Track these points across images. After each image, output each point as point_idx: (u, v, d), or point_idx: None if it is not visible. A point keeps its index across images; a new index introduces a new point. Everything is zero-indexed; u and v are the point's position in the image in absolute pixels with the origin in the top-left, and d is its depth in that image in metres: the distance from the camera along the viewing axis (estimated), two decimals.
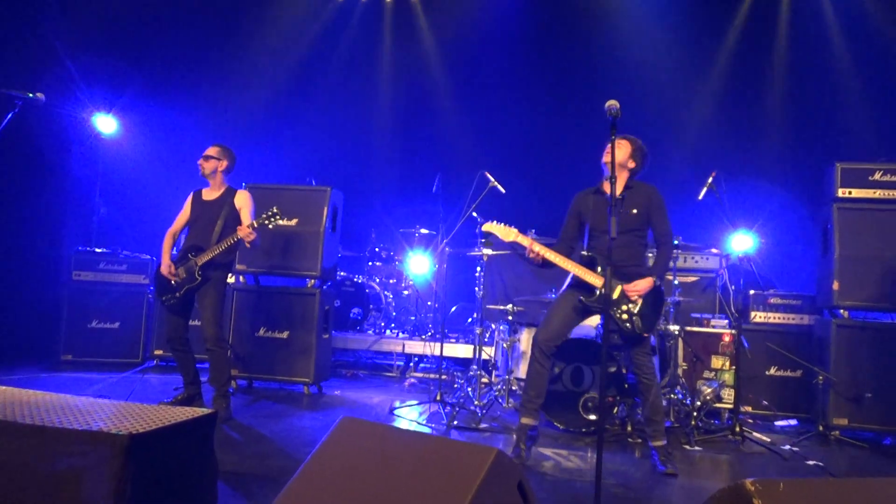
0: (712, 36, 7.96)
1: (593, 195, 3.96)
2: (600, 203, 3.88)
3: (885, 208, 4.92)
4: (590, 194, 3.98)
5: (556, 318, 3.87)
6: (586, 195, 4.00)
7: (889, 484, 1.87)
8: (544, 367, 3.86)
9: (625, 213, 3.81)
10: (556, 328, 3.85)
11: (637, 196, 3.89)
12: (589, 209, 3.92)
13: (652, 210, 3.88)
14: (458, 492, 1.85)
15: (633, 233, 3.86)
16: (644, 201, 3.88)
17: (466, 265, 7.07)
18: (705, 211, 5.40)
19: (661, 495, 3.38)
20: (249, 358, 5.50)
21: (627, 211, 3.83)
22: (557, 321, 3.86)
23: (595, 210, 3.89)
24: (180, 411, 2.62)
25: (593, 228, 3.89)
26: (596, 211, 3.88)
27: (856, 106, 7.39)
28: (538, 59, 8.30)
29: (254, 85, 8.49)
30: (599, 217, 3.85)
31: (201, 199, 4.66)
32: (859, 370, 4.75)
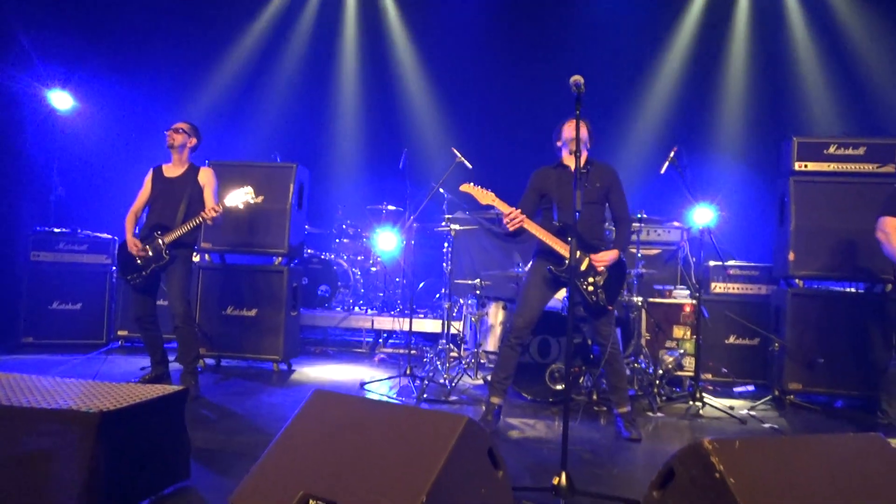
0: (674, 13, 8.05)
1: (555, 170, 4.01)
2: (565, 177, 3.93)
3: (838, 181, 5.09)
4: (551, 170, 4.03)
5: (532, 301, 3.91)
6: (547, 171, 4.04)
7: (834, 440, 1.98)
8: (515, 351, 3.96)
9: (589, 187, 3.88)
10: (533, 312, 3.91)
11: (598, 171, 3.99)
12: (553, 185, 3.95)
13: (612, 187, 3.97)
14: (431, 458, 1.91)
15: (595, 205, 3.95)
16: (605, 177, 3.97)
17: (434, 241, 7.11)
18: (667, 185, 5.53)
19: (626, 459, 3.50)
20: (217, 337, 5.48)
21: (592, 185, 3.91)
22: (533, 304, 3.91)
23: (560, 185, 3.94)
24: (150, 389, 2.62)
25: (560, 201, 3.91)
26: (561, 185, 3.93)
27: (812, 82, 7.58)
28: (504, 35, 8.30)
29: (216, 61, 8.33)
30: (566, 191, 3.88)
31: (163, 176, 4.58)
32: (813, 337, 4.94)
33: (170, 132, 4.53)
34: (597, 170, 3.98)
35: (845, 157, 5.11)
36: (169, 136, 4.53)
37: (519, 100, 7.97)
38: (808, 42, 7.64)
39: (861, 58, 7.37)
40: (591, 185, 3.90)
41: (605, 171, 3.99)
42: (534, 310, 3.92)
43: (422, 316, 6.70)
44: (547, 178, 4.01)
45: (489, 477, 2.13)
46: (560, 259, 3.85)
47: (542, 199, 4.03)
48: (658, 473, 2.02)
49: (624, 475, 3.20)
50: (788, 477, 1.79)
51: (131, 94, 7.41)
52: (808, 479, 1.81)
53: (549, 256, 3.90)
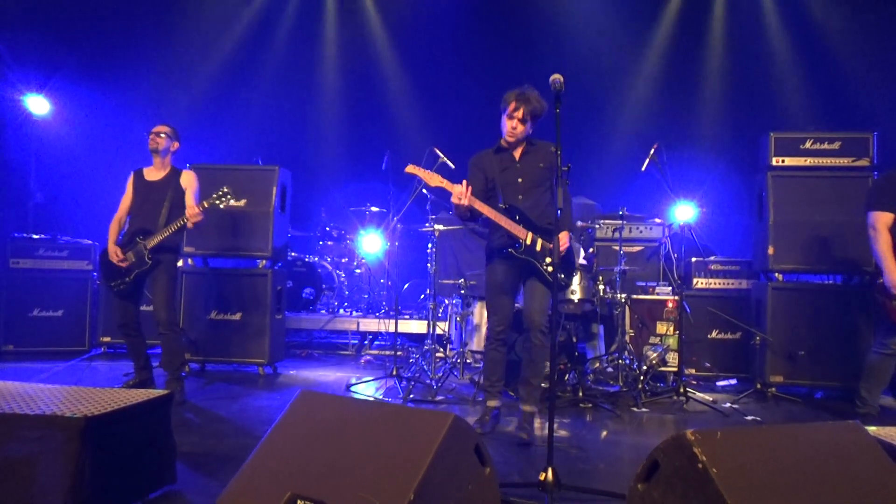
0: (652, 12, 8.14)
1: (496, 156, 3.87)
2: (506, 162, 3.83)
3: (815, 175, 5.17)
4: (491, 155, 3.88)
5: (501, 298, 3.82)
6: (488, 157, 3.89)
7: (813, 428, 2.02)
8: (500, 353, 3.86)
9: (533, 168, 3.80)
10: (506, 309, 3.82)
11: (539, 151, 3.86)
12: (495, 170, 3.82)
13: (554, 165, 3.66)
14: (418, 456, 1.92)
15: (541, 188, 3.83)
16: (547, 156, 3.82)
17: (418, 242, 7.12)
18: (648, 182, 5.58)
19: (612, 454, 3.53)
20: (202, 341, 5.44)
21: (534, 166, 3.81)
22: (503, 301, 3.82)
23: (502, 170, 3.82)
24: (135, 393, 2.61)
25: (504, 187, 3.80)
26: (503, 171, 3.82)
27: (788, 78, 7.69)
28: (485, 35, 8.33)
29: (195, 64, 8.28)
30: (509, 176, 3.80)
31: (144, 180, 4.54)
32: (793, 330, 5.01)
33: (153, 136, 4.48)
34: (538, 150, 3.86)
35: (821, 151, 5.19)
36: (152, 139, 4.48)
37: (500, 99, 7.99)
38: (783, 39, 7.75)
39: (834, 54, 7.50)
40: (534, 167, 3.80)
41: (546, 150, 3.84)
42: (506, 306, 3.82)
43: (407, 317, 6.71)
44: (489, 163, 3.87)
45: (476, 474, 2.15)
46: (515, 241, 3.72)
47: (486, 181, 3.87)
48: (642, 466, 2.05)
49: (610, 470, 3.24)
50: (770, 465, 1.82)
51: (109, 98, 7.34)
52: (788, 466, 1.84)
53: (505, 240, 3.75)
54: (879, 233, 4.01)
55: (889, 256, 3.96)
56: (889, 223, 4.01)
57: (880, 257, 4.00)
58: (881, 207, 4.04)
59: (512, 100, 3.71)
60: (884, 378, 4.12)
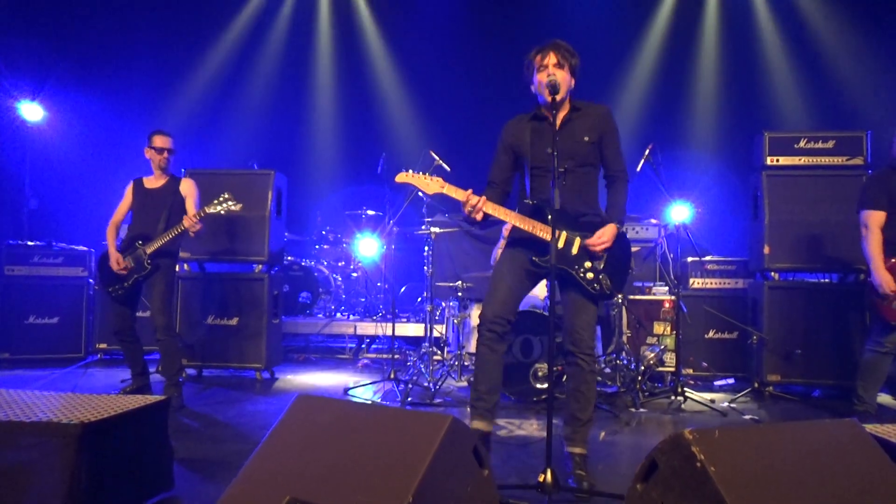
0: (646, 13, 8.16)
1: (529, 122, 3.11)
2: (544, 134, 3.03)
3: (809, 174, 5.19)
4: (525, 122, 3.12)
5: (504, 288, 3.06)
6: (521, 123, 3.14)
7: (810, 426, 2.03)
8: (496, 353, 3.03)
9: (574, 141, 3.02)
10: (506, 299, 3.04)
11: (588, 119, 3.06)
12: (526, 141, 3.07)
13: (605, 136, 3.07)
14: (416, 458, 1.92)
15: (585, 168, 3.06)
16: (598, 125, 3.06)
17: (414, 245, 7.12)
18: (643, 183, 5.58)
19: (610, 455, 3.53)
20: (199, 346, 5.43)
21: (578, 139, 3.03)
22: (505, 291, 3.05)
23: (535, 141, 3.05)
24: (132, 399, 2.60)
25: (534, 167, 3.06)
26: (536, 142, 3.05)
27: (781, 78, 7.72)
28: (480, 37, 8.35)
29: (190, 69, 8.28)
30: (542, 150, 3.02)
31: (143, 188, 4.56)
32: (789, 328, 5.03)
33: (164, 156, 4.49)
34: (584, 118, 3.06)
35: (815, 150, 5.21)
36: (161, 159, 4.50)
37: (496, 101, 8.01)
38: (776, 39, 7.78)
39: (827, 53, 7.54)
40: (577, 139, 3.02)
41: (596, 117, 3.07)
42: (507, 300, 3.04)
43: (404, 320, 6.70)
44: (520, 131, 3.11)
45: (475, 475, 2.14)
46: (543, 246, 2.95)
47: (516, 160, 3.16)
48: (640, 466, 2.05)
49: (609, 470, 3.23)
50: (768, 463, 1.82)
51: (103, 103, 7.33)
52: (786, 464, 1.85)
53: (525, 244, 3.06)
54: (871, 231, 4.02)
55: (878, 255, 3.96)
56: (881, 222, 4.02)
57: (870, 256, 4.01)
58: (873, 206, 4.04)
59: (536, 52, 3.02)
60: (879, 376, 4.11)
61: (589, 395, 3.04)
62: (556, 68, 2.96)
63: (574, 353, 3.01)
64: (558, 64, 2.97)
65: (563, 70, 2.97)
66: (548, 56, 2.98)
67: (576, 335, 3.01)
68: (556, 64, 2.97)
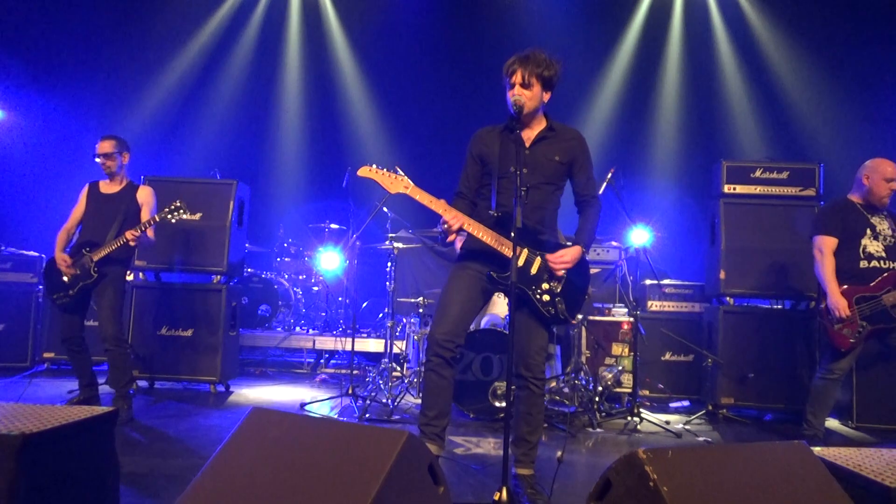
0: (612, 38, 8.35)
1: (500, 133, 3.04)
2: (511, 145, 2.93)
3: (765, 203, 5.35)
4: (495, 132, 3.07)
5: (455, 307, 2.96)
6: (490, 135, 3.08)
7: (760, 447, 2.07)
8: (444, 378, 2.93)
9: (546, 159, 3.00)
10: (457, 320, 2.96)
11: (562, 141, 3.05)
12: (495, 152, 3.01)
13: (577, 160, 3.06)
14: (371, 474, 1.89)
15: (550, 187, 3.04)
16: (571, 148, 3.05)
17: (377, 260, 7.09)
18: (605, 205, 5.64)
19: (567, 473, 3.54)
20: (151, 358, 5.29)
21: (548, 158, 3.01)
22: (457, 311, 2.96)
23: (504, 153, 2.97)
24: (77, 410, 2.51)
25: (501, 178, 3.00)
26: (505, 155, 2.96)
27: (739, 109, 7.97)
28: (447, 52, 8.40)
29: (153, 73, 8.14)
30: (510, 165, 2.91)
31: (99, 193, 4.43)
32: (743, 353, 5.13)
33: (103, 161, 4.34)
34: (558, 140, 3.04)
35: (770, 180, 5.37)
36: (103, 165, 4.35)
37: (463, 117, 8.06)
38: (736, 72, 8.04)
39: (783, 87, 7.81)
40: (549, 157, 3.00)
41: (570, 140, 3.06)
42: (458, 321, 2.95)
43: (364, 335, 6.65)
44: (491, 142, 3.05)
45: (430, 493, 2.12)
46: (501, 260, 2.91)
47: (484, 168, 3.10)
48: (595, 485, 2.05)
49: (564, 490, 3.24)
50: (718, 483, 1.85)
51: (61, 105, 7.16)
52: (736, 484, 1.87)
53: (485, 257, 2.97)
54: (825, 256, 4.10)
55: (832, 280, 4.05)
56: (833, 247, 4.12)
57: (824, 280, 4.08)
58: (826, 232, 4.15)
59: (507, 65, 2.98)
60: (828, 402, 4.17)
61: (539, 417, 3.05)
62: (521, 88, 2.94)
63: (526, 377, 2.99)
64: (524, 83, 2.94)
65: (530, 89, 2.94)
66: (515, 73, 2.94)
67: (529, 360, 2.98)
68: (522, 83, 2.94)
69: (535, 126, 3.03)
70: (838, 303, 3.99)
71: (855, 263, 4.07)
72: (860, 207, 4.17)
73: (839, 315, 3.98)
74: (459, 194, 3.15)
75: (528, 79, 2.93)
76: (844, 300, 3.99)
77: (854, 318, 3.97)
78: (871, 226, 4.11)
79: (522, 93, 2.92)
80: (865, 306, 3.98)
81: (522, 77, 2.93)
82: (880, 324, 3.97)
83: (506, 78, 3.00)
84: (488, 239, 2.92)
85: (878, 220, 4.14)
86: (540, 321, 2.99)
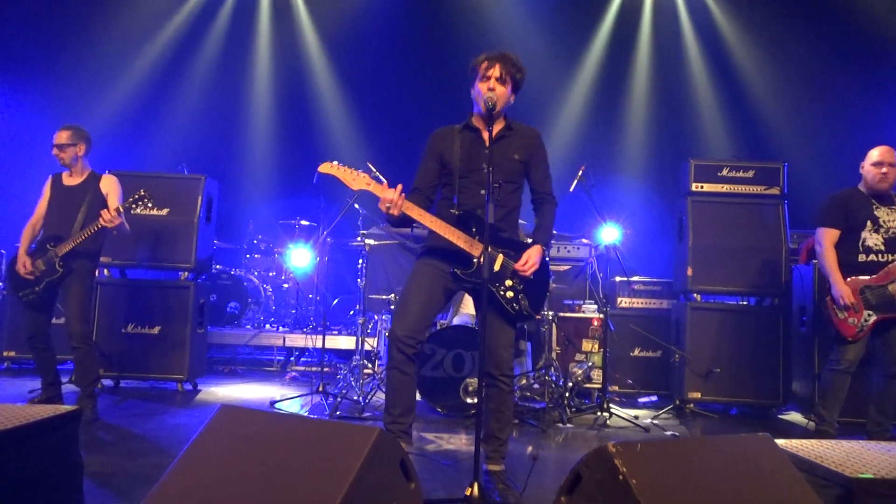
0: (581, 36, 8.43)
1: (460, 133, 3.10)
2: (474, 146, 3.03)
3: (731, 201, 5.44)
4: (455, 132, 3.11)
5: (417, 304, 2.99)
6: (450, 134, 3.12)
7: (726, 440, 2.11)
8: (407, 375, 2.97)
9: (506, 158, 3.05)
10: (419, 317, 2.98)
11: (519, 139, 3.11)
12: (455, 151, 3.04)
13: (534, 158, 3.13)
14: (342, 471, 1.88)
15: (511, 185, 3.09)
16: (528, 146, 3.11)
17: (348, 257, 7.05)
18: (575, 203, 5.72)
19: (537, 469, 3.55)
20: (116, 356, 5.18)
21: (508, 157, 3.06)
22: (419, 308, 2.99)
23: (466, 153, 3.03)
24: (39, 409, 2.45)
25: (462, 177, 3.04)
26: (466, 154, 3.03)
27: (708, 107, 8.10)
28: (420, 48, 8.38)
29: (120, 66, 7.97)
30: (472, 162, 3.01)
31: (62, 184, 4.32)
32: (710, 348, 5.23)
33: (56, 152, 4.21)
34: (516, 138, 3.10)
35: (737, 179, 5.47)
36: (57, 156, 4.22)
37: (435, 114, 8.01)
38: (704, 72, 8.18)
39: (749, 88, 7.97)
40: (508, 156, 3.05)
41: (527, 139, 3.12)
42: (420, 318, 2.98)
43: (335, 333, 6.60)
44: (451, 141, 3.09)
45: (401, 489, 2.12)
46: (464, 258, 2.95)
47: (443, 168, 3.12)
48: (565, 479, 2.07)
49: (535, 485, 3.25)
50: (686, 475, 1.88)
51: (24, 99, 6.97)
52: (703, 476, 1.91)
53: (448, 255, 3.00)
54: (825, 248, 4.10)
55: (835, 269, 4.03)
56: (834, 239, 4.11)
57: (827, 271, 4.06)
58: (826, 224, 4.15)
59: (483, 59, 3.00)
60: (839, 395, 4.07)
61: (508, 414, 3.10)
62: (497, 82, 2.95)
63: (495, 375, 3.02)
64: (501, 78, 2.95)
65: (505, 86, 2.97)
66: (493, 68, 2.95)
67: (497, 357, 3.01)
68: (499, 78, 2.95)
69: (495, 125, 3.03)
70: (843, 290, 3.95)
71: (853, 257, 4.05)
72: (867, 197, 4.13)
73: (843, 302, 3.94)
74: (415, 190, 3.15)
75: (505, 75, 2.96)
76: (848, 288, 3.96)
77: (859, 306, 3.95)
78: (874, 217, 4.07)
79: (497, 87, 2.95)
80: (870, 294, 3.95)
81: (501, 73, 2.96)
82: (887, 312, 3.92)
83: (477, 71, 3.00)
84: (450, 235, 2.93)
85: (886, 211, 4.08)
86: (504, 318, 3.02)
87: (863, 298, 3.97)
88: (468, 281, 2.97)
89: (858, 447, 2.45)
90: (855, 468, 2.11)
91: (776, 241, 5.31)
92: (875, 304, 3.95)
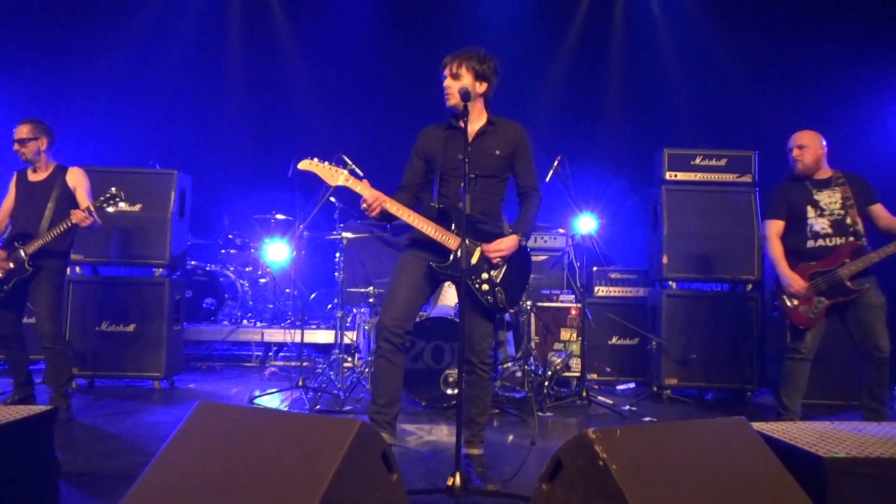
0: (556, 28, 8.44)
1: (444, 131, 3.21)
2: (455, 143, 3.11)
3: (704, 189, 5.52)
4: (439, 131, 3.23)
5: (402, 295, 3.08)
6: (435, 132, 3.24)
7: (703, 424, 2.15)
8: (394, 364, 3.05)
9: (485, 154, 3.13)
10: (405, 308, 3.07)
11: (502, 135, 3.18)
12: (439, 148, 3.15)
13: (518, 152, 3.19)
14: (324, 464, 1.87)
15: (493, 179, 3.17)
16: (511, 140, 3.17)
17: (325, 251, 7.00)
18: (552, 193, 5.74)
19: (518, 458, 3.58)
20: (90, 354, 5.11)
21: (489, 152, 3.14)
22: (404, 298, 3.08)
23: (448, 148, 3.13)
24: (12, 410, 2.41)
25: (444, 172, 3.13)
26: (449, 149, 3.13)
27: (681, 96, 8.18)
28: (393, 41, 8.32)
29: (89, 57, 7.77)
30: (453, 156, 3.10)
31: (27, 181, 4.22)
32: (686, 335, 5.31)
33: (17, 148, 4.11)
34: (498, 133, 3.17)
35: (709, 167, 5.54)
36: (18, 152, 4.11)
37: (411, 106, 8.01)
38: (676, 59, 8.24)
39: (721, 78, 8.05)
40: (488, 152, 3.12)
41: (510, 133, 3.18)
42: (405, 308, 3.07)
43: (314, 327, 6.58)
44: (436, 139, 3.20)
45: (384, 481, 2.12)
46: (442, 250, 3.04)
47: (428, 165, 3.24)
48: (546, 467, 2.09)
49: (516, 472, 3.28)
50: (664, 459, 1.91)
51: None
52: (681, 459, 1.94)
53: (428, 247, 3.09)
54: (770, 240, 4.12)
55: (780, 258, 4.03)
56: (779, 231, 4.12)
57: (774, 261, 4.07)
58: (770, 216, 4.17)
59: (444, 60, 3.12)
60: (799, 383, 4.07)
61: (487, 400, 3.23)
62: (451, 79, 3.07)
63: (474, 362, 3.12)
64: (453, 75, 3.07)
65: (458, 80, 3.06)
66: (446, 68, 3.10)
67: (475, 345, 3.11)
68: (452, 75, 3.07)
69: (476, 121, 3.15)
70: (790, 278, 3.95)
71: (802, 244, 4.04)
72: (804, 184, 4.11)
73: (792, 290, 3.95)
74: (402, 188, 3.26)
75: (459, 71, 3.07)
76: (797, 275, 3.96)
77: (810, 294, 3.94)
78: (814, 202, 4.05)
79: (451, 83, 3.07)
80: (821, 280, 3.93)
81: (449, 70, 3.08)
82: (837, 297, 3.90)
83: (441, 75, 3.14)
84: (428, 229, 3.02)
85: (827, 194, 4.05)
86: (480, 310, 3.11)
87: (813, 284, 3.94)
88: (444, 274, 3.07)
89: (830, 428, 2.51)
90: (828, 448, 2.16)
91: (748, 228, 5.40)
92: (826, 290, 3.92)
